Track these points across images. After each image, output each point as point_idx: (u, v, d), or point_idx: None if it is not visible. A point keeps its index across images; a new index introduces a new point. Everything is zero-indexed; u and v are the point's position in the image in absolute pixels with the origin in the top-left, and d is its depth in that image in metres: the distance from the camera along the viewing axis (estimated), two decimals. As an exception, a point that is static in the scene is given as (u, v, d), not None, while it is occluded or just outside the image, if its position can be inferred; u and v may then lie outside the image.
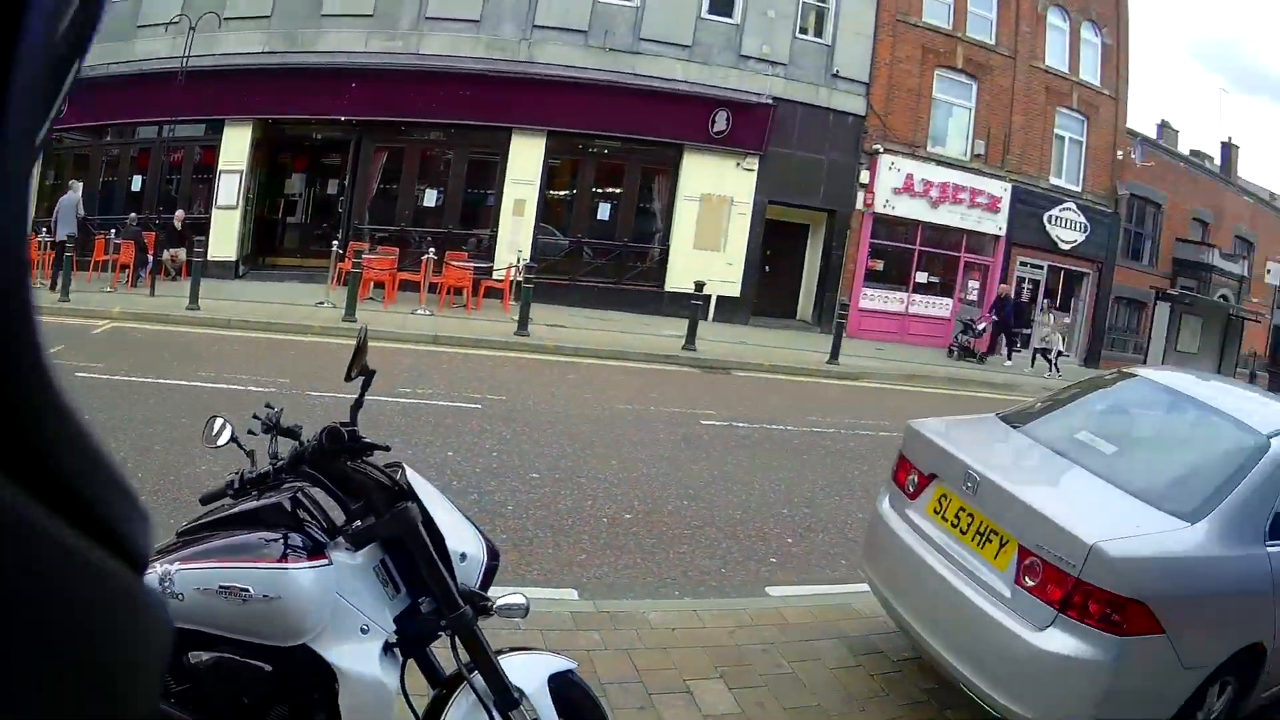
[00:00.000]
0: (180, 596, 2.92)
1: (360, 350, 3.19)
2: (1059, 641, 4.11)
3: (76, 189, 21.55)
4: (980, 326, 25.98)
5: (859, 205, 26.53)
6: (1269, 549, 4.47)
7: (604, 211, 25.47)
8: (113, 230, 21.77)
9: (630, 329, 20.63)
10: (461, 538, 3.22)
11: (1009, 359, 26.09)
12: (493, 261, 23.00)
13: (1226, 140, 39.60)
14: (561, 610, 5.58)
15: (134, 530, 0.53)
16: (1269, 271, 32.27)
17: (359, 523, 3.11)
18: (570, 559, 7.02)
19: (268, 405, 3.36)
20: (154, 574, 2.95)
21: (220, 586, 2.89)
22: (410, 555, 3.08)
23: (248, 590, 2.87)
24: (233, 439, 3.35)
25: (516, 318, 18.43)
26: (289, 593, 2.90)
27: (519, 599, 3.25)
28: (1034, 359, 26.36)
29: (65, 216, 20.38)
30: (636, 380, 15.65)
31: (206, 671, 2.95)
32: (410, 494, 3.13)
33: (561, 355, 17.18)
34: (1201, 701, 4.42)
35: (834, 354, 20.09)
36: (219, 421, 3.41)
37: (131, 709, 0.55)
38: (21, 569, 0.43)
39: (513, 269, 21.73)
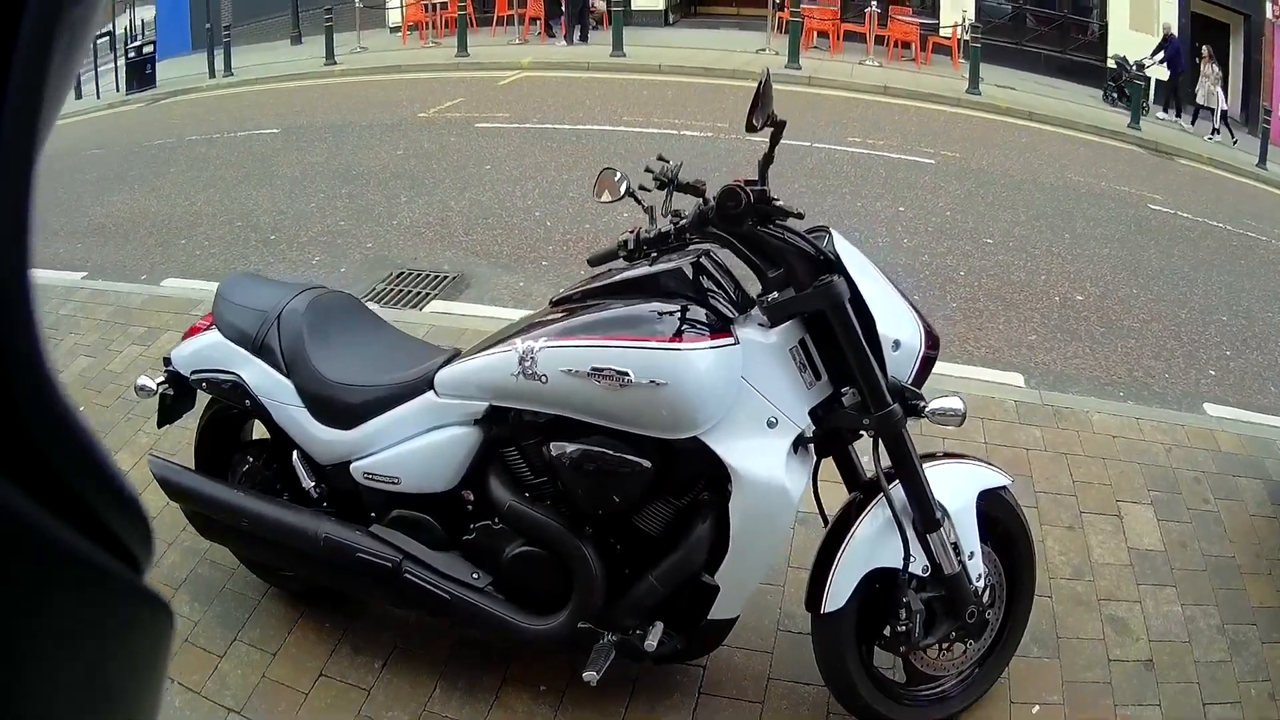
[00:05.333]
0: (543, 378, 2.38)
1: (761, 95, 2.30)
2: None
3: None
4: (1150, 64, 18.77)
5: (1269, 14, 21.75)
6: None
7: (1040, -20, 22.09)
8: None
9: (1076, 99, 18.26)
10: (896, 321, 2.41)
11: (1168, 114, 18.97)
12: (937, 19, 20.86)
13: None
14: (1005, 398, 4.84)
15: (132, 528, 0.47)
16: None
17: (775, 295, 2.35)
18: (1020, 339, 6.15)
19: (661, 158, 2.56)
20: (513, 351, 2.45)
21: (593, 369, 2.30)
22: (835, 337, 2.33)
23: (627, 374, 2.26)
24: (629, 193, 2.60)
25: (966, 76, 16.61)
26: (681, 378, 2.25)
27: (956, 403, 2.41)
28: (1194, 118, 19.02)
29: None
30: (1085, 152, 13.79)
31: (570, 465, 2.42)
32: (837, 264, 2.35)
33: (1012, 117, 15.37)
34: None
35: (1262, 159, 16.77)
36: (615, 174, 2.65)
37: (133, 710, 0.50)
38: (20, 569, 0.39)
39: (958, 27, 19.49)
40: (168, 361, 3.30)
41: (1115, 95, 19.67)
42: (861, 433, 2.50)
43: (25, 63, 0.38)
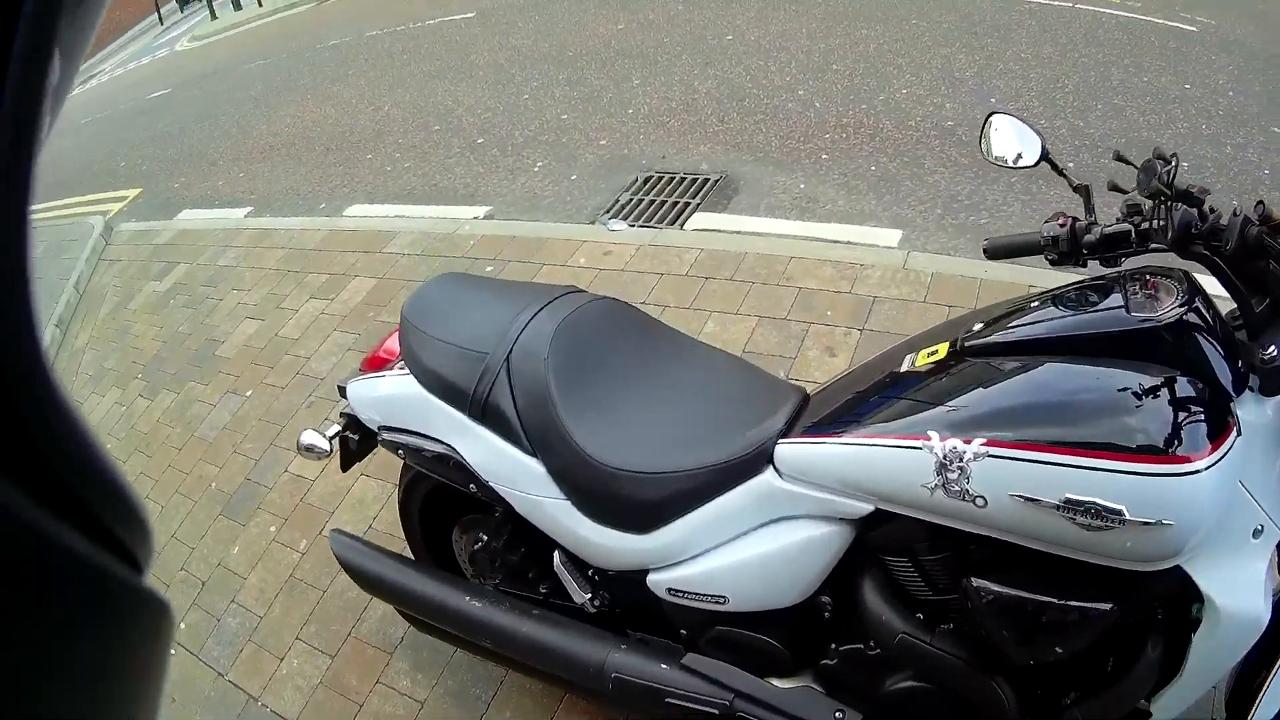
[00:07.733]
0: (980, 501, 1.51)
1: None
2: None
3: None
4: None
5: None
6: None
7: None
8: None
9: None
10: None
11: None
12: None
13: None
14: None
15: (132, 529, 0.46)
16: None
17: (1275, 353, 1.48)
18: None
19: (1159, 154, 1.55)
20: (928, 451, 1.55)
21: (1066, 501, 1.44)
22: None
23: (1120, 513, 1.41)
24: (1044, 157, 1.71)
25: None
26: (1187, 510, 1.41)
27: None
28: None
29: None
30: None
31: (999, 610, 1.59)
32: None
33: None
34: None
35: None
36: (1017, 125, 1.74)
37: (133, 711, 0.48)
38: (20, 570, 0.38)
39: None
40: (343, 392, 2.41)
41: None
42: None
43: (24, 62, 0.36)
